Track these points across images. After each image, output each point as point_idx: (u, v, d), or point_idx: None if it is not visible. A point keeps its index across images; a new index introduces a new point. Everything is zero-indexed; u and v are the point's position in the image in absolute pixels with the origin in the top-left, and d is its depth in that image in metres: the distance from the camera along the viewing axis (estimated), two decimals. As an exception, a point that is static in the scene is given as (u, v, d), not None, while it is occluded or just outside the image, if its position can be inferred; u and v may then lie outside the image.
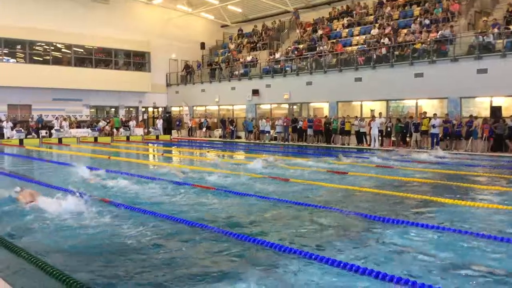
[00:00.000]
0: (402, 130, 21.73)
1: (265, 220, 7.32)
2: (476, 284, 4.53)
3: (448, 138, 20.43)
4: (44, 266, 4.63)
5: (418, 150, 19.84)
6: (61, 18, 29.99)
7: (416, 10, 25.93)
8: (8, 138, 26.29)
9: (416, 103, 22.87)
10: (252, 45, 34.29)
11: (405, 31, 24.34)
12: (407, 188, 10.29)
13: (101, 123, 30.87)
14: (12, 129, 26.88)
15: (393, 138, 22.35)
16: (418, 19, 24.59)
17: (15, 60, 29.50)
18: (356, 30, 28.02)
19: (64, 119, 30.02)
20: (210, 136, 31.47)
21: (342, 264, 4.79)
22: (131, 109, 35.76)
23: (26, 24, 28.23)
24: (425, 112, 21.40)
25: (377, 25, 26.46)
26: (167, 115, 35.77)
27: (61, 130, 28.83)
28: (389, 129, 22.21)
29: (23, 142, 25.79)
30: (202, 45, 37.37)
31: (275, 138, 27.35)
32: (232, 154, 18.67)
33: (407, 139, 21.83)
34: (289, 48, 29.90)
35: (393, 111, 23.76)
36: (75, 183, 10.59)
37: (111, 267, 5.01)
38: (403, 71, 22.55)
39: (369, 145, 22.61)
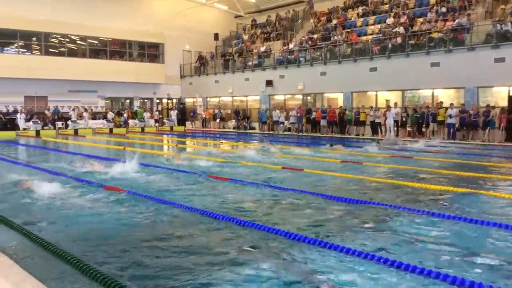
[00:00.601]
0: (418, 121, 21.50)
1: (279, 209, 7.32)
2: (493, 272, 4.47)
3: (465, 128, 20.16)
4: (67, 256, 4.69)
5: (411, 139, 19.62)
6: (76, 10, 30.17)
7: (432, -1, 25.53)
8: (25, 129, 26.64)
9: (432, 93, 22.58)
10: (265, 36, 34.14)
11: (421, 20, 24.00)
12: (422, 178, 10.21)
13: (110, 115, 31.02)
14: (26, 120, 27.20)
15: (408, 129, 22.14)
16: (434, 8, 24.22)
17: (31, 52, 29.79)
18: (371, 19, 27.70)
19: (85, 110, 30.42)
20: (223, 127, 31.52)
21: (357, 253, 4.77)
22: (145, 100, 35.95)
23: (41, 17, 28.46)
24: (441, 102, 21.12)
25: (392, 14, 26.10)
26: (181, 106, 35.89)
27: (81, 121, 29.21)
28: (404, 119, 22.00)
29: (40, 133, 26.11)
30: (216, 36, 37.31)
31: (289, 129, 27.28)
32: (245, 144, 18.69)
33: (423, 129, 21.61)
34: (303, 38, 29.69)
35: (409, 101, 23.51)
36: (96, 172, 10.73)
37: (123, 255, 5.06)
38: (419, 60, 22.26)
39: (384, 135, 22.43)
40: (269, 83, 29.27)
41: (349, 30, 27.51)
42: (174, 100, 37.05)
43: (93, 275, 4.08)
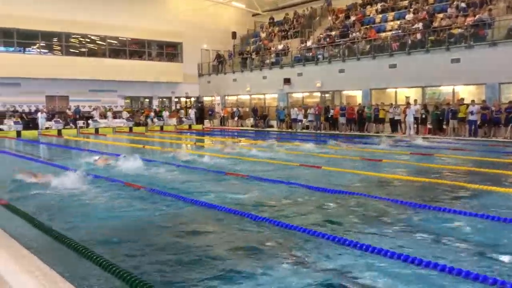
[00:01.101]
0: (439, 118, 21.22)
1: (297, 205, 7.31)
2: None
3: (486, 125, 19.82)
4: (93, 256, 4.76)
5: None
6: (95, 11, 30.53)
7: (453, -6, 25.11)
8: (47, 128, 27.11)
9: (453, 90, 22.23)
10: (283, 33, 34.07)
11: (441, 15, 23.66)
12: (441, 175, 10.10)
13: (124, 114, 31.34)
14: (47, 120, 27.67)
15: (429, 126, 21.86)
16: (454, 3, 23.83)
17: (52, 53, 30.27)
18: (390, 15, 27.41)
19: (110, 110, 31.00)
20: (242, 125, 31.57)
21: (375, 249, 4.74)
22: (164, 99, 36.23)
23: (62, 17, 28.89)
24: (462, 99, 20.79)
25: (411, 9, 25.78)
26: (199, 105, 36.06)
27: (104, 120, 29.72)
28: (423, 116, 21.73)
29: (61, 133, 26.53)
30: (234, 35, 37.37)
31: (307, 127, 27.19)
32: (263, 142, 18.71)
33: (444, 126, 21.31)
34: (321, 36, 29.55)
35: (429, 98, 23.20)
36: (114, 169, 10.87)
37: (143, 252, 5.12)
38: (439, 56, 21.95)
39: (404, 133, 22.20)
40: (286, 81, 29.21)
41: (367, 26, 27.26)
42: (193, 99, 37.25)
43: (118, 274, 4.11)
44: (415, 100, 22.26)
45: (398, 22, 25.99)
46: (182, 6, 35.27)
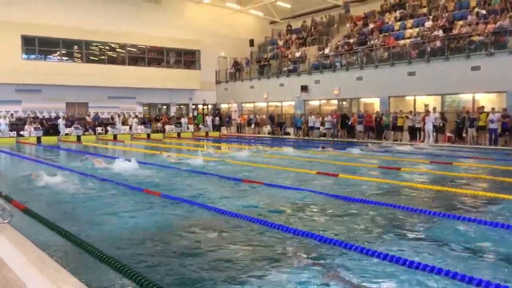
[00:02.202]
0: (458, 126, 20.92)
1: (314, 214, 7.26)
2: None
3: (507, 133, 19.46)
4: (111, 260, 4.78)
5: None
6: (115, 19, 31.00)
7: (473, 1, 24.78)
8: (67, 134, 27.51)
9: (473, 98, 21.90)
10: (301, 41, 34.07)
11: (461, 22, 23.38)
12: (462, 183, 9.94)
13: (130, 121, 31.55)
14: (66, 126, 28.08)
15: (448, 134, 21.57)
16: (474, 10, 23.54)
17: (73, 60, 30.78)
18: (409, 22, 27.20)
19: (136, 117, 31.67)
20: (258, 133, 31.59)
21: (394, 258, 4.66)
22: (181, 106, 36.49)
23: (82, 26, 29.42)
24: (483, 107, 20.46)
25: (431, 17, 25.54)
26: (217, 112, 36.23)
27: (125, 126, 30.34)
28: (441, 125, 21.45)
29: (81, 139, 26.89)
30: (251, 42, 37.52)
31: (324, 135, 27.06)
32: (280, 149, 18.67)
33: (463, 134, 21.00)
34: (339, 43, 29.47)
35: (448, 106, 22.91)
36: (125, 175, 10.96)
37: (160, 258, 5.12)
38: (459, 64, 21.68)
39: (423, 141, 21.94)
40: (304, 88, 29.16)
41: (386, 34, 27.10)
42: (210, 106, 37.44)
43: (134, 277, 4.11)
44: (434, 108, 22.00)
45: (417, 29, 25.77)
46: (200, 14, 35.58)
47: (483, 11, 22.94)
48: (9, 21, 26.81)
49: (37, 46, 28.81)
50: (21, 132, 26.65)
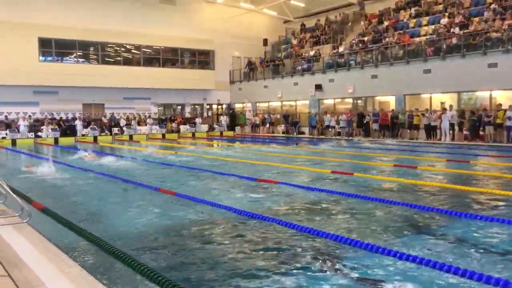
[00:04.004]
0: (475, 123, 20.65)
1: (329, 213, 7.24)
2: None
3: (525, 131, 19.16)
4: (128, 259, 4.83)
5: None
6: (130, 20, 31.26)
7: (489, -3, 24.47)
8: (83, 135, 27.85)
9: (490, 95, 21.60)
10: (315, 40, 33.96)
11: (477, 19, 23.06)
12: (477, 182, 9.82)
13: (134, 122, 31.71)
14: (83, 127, 28.42)
15: (465, 132, 21.31)
16: (491, 6, 23.21)
17: (89, 62, 31.13)
18: (424, 20, 26.92)
19: (149, 117, 31.87)
20: (273, 132, 31.57)
21: (410, 257, 4.63)
22: (196, 106, 36.66)
23: (98, 27, 29.74)
24: (500, 104, 20.18)
25: (446, 14, 25.25)
26: (231, 112, 36.31)
27: (143, 127, 30.45)
28: (459, 122, 21.20)
29: (97, 139, 27.18)
30: (265, 42, 37.51)
31: (339, 133, 26.94)
32: (294, 149, 18.67)
33: (480, 132, 20.73)
34: (353, 41, 29.30)
35: (465, 104, 22.62)
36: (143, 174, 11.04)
37: (175, 256, 5.16)
38: (476, 61, 21.39)
39: (440, 139, 21.71)
40: (318, 87, 29.06)
41: (401, 31, 26.86)
42: (224, 106, 37.54)
43: (152, 276, 4.14)
44: (451, 106, 21.75)
45: (433, 26, 25.50)
46: (214, 14, 35.69)
47: (500, 8, 22.60)
48: (26, 24, 27.22)
49: (53, 48, 29.19)
50: (39, 133, 27.06)
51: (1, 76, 26.00)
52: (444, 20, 24.76)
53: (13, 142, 24.77)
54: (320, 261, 4.60)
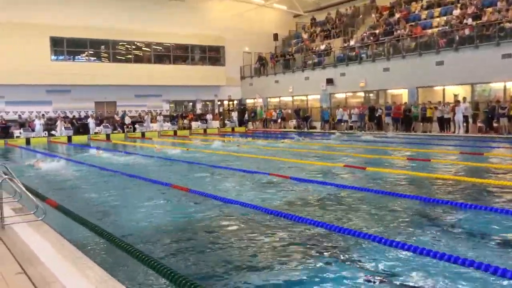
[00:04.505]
0: (488, 115, 20.39)
1: (342, 207, 7.20)
2: None
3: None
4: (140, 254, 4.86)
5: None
6: (140, 18, 31.35)
7: (503, -14, 24.07)
8: (96, 133, 28.07)
9: (504, 86, 21.29)
10: (325, 33, 33.76)
11: (490, 9, 22.72)
12: (494, 174, 9.70)
13: (147, 118, 31.74)
14: (96, 125, 28.65)
15: (479, 124, 21.06)
16: (504, -4, 22.83)
17: (100, 60, 31.33)
18: (436, 11, 26.60)
19: (160, 114, 32.07)
20: (284, 127, 31.51)
21: (425, 251, 4.59)
22: (207, 102, 36.72)
23: (109, 26, 29.89)
24: (515, 95, 19.89)
25: (459, 5, 24.90)
26: (242, 108, 36.31)
27: (154, 124, 30.56)
28: (472, 114, 20.95)
29: (110, 137, 27.38)
30: (275, 36, 37.38)
31: (351, 128, 26.79)
32: (306, 144, 18.61)
33: (494, 124, 20.46)
34: (365, 34, 29.06)
35: (479, 96, 22.34)
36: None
37: (189, 252, 5.18)
38: (489, 52, 21.09)
39: (453, 132, 21.48)
40: (329, 81, 28.91)
41: (413, 23, 26.57)
42: (235, 102, 37.54)
43: (168, 275, 4.15)
44: (464, 98, 21.49)
45: (445, 18, 25.19)
46: (223, 10, 35.64)
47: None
48: (38, 24, 27.45)
49: (65, 47, 29.41)
50: (52, 132, 27.35)
51: (14, 76, 26.28)
52: (457, 11, 24.44)
53: (27, 141, 25.05)
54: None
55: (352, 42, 29.29)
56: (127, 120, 30.49)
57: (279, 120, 31.86)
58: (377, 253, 4.83)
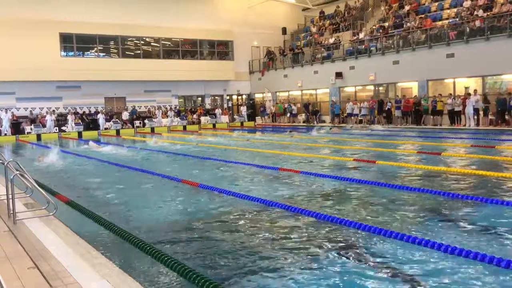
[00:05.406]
0: (499, 108, 20.16)
1: (352, 201, 7.18)
2: None
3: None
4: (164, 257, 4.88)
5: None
6: (149, 14, 31.37)
7: (514, -24, 23.71)
8: (106, 129, 28.22)
9: (516, 78, 21.06)
10: (334, 27, 33.56)
11: (501, 0, 22.41)
12: (506, 167, 9.60)
13: (158, 113, 31.68)
14: (106, 120, 28.79)
15: (490, 117, 20.84)
16: (516, -14, 22.50)
17: (110, 56, 31.43)
18: (447, 3, 26.30)
19: (170, 109, 32.16)
20: (293, 122, 31.44)
21: (436, 245, 4.57)
22: (216, 97, 36.73)
23: (117, 21, 29.96)
24: (527, 87, 19.64)
25: (470, -4, 24.61)
26: (251, 102, 36.26)
27: (165, 119, 30.65)
28: (483, 107, 20.74)
29: (120, 133, 27.50)
30: (284, 30, 37.24)
31: (361, 121, 26.67)
32: (315, 138, 18.55)
33: (506, 117, 20.24)
34: (374, 27, 28.84)
35: (490, 88, 22.10)
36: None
37: (199, 246, 5.19)
38: (500, 44, 20.83)
39: (464, 125, 21.29)
40: (338, 75, 28.76)
41: (422, 15, 26.31)
42: (244, 96, 37.51)
43: (182, 271, 4.16)
44: (475, 90, 21.27)
45: (455, 9, 24.91)
46: (232, 4, 35.55)
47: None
48: (48, 20, 27.61)
49: (75, 43, 29.56)
50: (63, 128, 27.54)
51: (25, 72, 26.48)
52: (467, 3, 24.14)
53: (38, 137, 25.26)
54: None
55: (361, 35, 29.09)
56: (125, 116, 30.34)
57: (288, 115, 31.78)
58: (390, 248, 4.81)
